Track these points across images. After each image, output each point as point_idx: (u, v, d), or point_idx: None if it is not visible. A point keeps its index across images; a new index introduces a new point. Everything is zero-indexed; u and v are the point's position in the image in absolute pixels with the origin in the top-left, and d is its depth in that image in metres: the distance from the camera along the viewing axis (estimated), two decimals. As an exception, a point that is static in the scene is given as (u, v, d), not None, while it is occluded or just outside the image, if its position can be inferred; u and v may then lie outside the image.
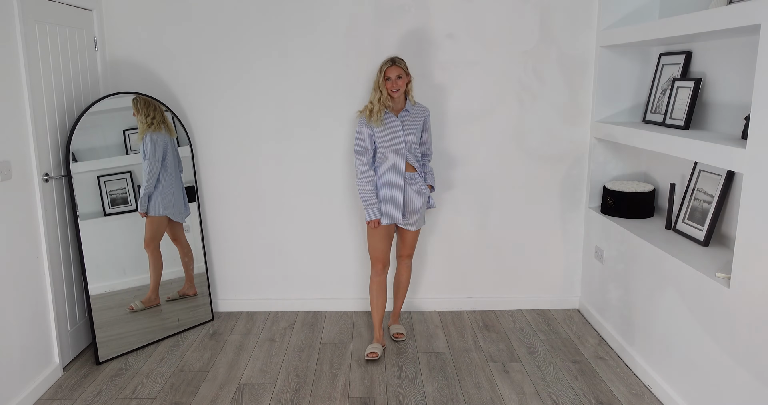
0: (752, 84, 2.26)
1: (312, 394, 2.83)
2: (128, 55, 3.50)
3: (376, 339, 3.27)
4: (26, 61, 2.72)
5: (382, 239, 3.16)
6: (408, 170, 3.15)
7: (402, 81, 3.03)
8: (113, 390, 2.86)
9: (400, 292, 3.43)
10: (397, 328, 3.42)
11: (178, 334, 3.46)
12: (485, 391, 2.84)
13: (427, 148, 3.28)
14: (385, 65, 3.03)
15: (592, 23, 3.45)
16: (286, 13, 3.45)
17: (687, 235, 2.81)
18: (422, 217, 3.25)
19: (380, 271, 3.22)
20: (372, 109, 3.05)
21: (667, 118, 2.97)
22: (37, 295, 2.84)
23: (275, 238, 3.73)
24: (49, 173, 2.95)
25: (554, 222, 3.72)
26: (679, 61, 3.03)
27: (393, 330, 3.41)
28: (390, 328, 3.44)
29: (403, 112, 3.12)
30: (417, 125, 3.16)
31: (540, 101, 3.55)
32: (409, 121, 3.12)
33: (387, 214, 3.13)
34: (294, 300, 3.81)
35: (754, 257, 2.07)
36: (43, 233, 2.87)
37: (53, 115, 2.99)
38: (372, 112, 3.04)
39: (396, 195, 3.11)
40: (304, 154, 3.61)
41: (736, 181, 2.56)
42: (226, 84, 3.53)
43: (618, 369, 3.03)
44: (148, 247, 3.36)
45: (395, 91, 3.03)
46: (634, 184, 3.33)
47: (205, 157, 3.62)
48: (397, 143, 3.08)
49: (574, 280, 3.80)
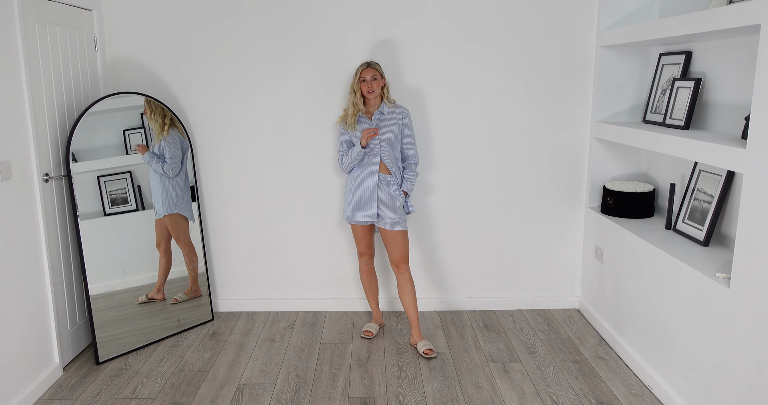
0: (752, 84, 2.26)
1: (312, 394, 2.83)
2: (128, 55, 3.50)
3: (374, 319, 3.51)
4: (26, 61, 2.72)
5: (363, 236, 3.31)
6: (382, 171, 3.16)
7: (377, 83, 3.11)
8: (113, 390, 2.86)
9: (410, 306, 3.26)
10: (424, 345, 3.19)
11: (178, 334, 3.46)
12: (485, 391, 2.84)
13: (410, 150, 3.24)
14: (360, 67, 3.13)
15: (592, 23, 3.45)
16: (286, 14, 3.45)
17: (687, 235, 2.81)
18: (401, 219, 3.18)
19: (367, 261, 3.38)
20: (348, 112, 3.15)
21: (667, 118, 2.97)
22: (37, 295, 2.84)
23: (275, 237, 3.73)
24: (49, 173, 2.95)
25: (554, 222, 3.72)
26: (679, 61, 3.03)
27: (421, 348, 3.18)
28: (417, 346, 3.22)
29: (377, 114, 3.16)
30: (393, 125, 3.16)
31: (540, 101, 3.55)
32: (384, 122, 3.16)
33: (360, 212, 3.16)
34: (294, 300, 3.81)
35: (754, 257, 2.07)
36: (43, 233, 2.87)
37: (53, 115, 2.99)
38: (347, 117, 3.15)
39: (369, 195, 3.14)
40: (304, 154, 3.62)
41: (736, 181, 2.56)
42: (226, 84, 3.53)
43: (618, 369, 3.03)
44: (159, 246, 3.41)
45: (370, 92, 3.10)
46: (634, 184, 3.33)
47: (205, 157, 3.62)
48: (372, 144, 3.13)
49: (574, 280, 3.80)
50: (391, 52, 3.47)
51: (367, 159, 3.16)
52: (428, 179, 3.63)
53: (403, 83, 3.51)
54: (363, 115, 3.17)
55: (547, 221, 3.72)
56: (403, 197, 3.20)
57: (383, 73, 3.18)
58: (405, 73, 3.50)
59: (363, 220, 3.19)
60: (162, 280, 3.42)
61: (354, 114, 3.13)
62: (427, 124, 3.56)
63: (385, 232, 3.20)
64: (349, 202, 3.21)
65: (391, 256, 3.25)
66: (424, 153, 3.57)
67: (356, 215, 3.19)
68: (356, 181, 3.18)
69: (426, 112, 3.55)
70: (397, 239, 3.19)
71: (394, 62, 3.48)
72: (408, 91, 3.51)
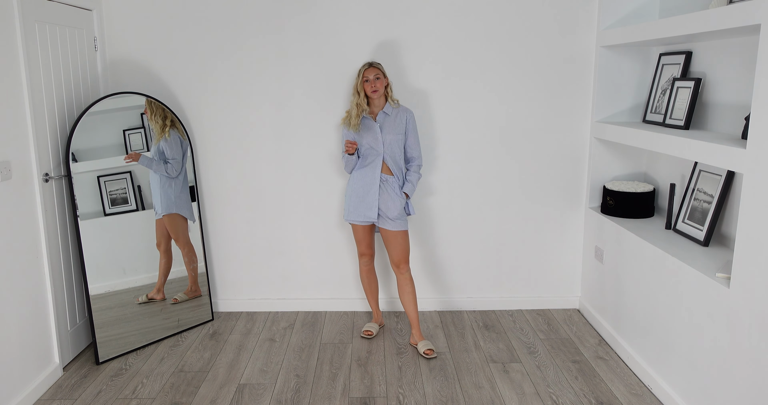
0: (752, 84, 2.27)
1: (312, 394, 2.83)
2: (128, 55, 3.50)
3: (374, 319, 3.52)
4: (26, 61, 2.72)
5: (364, 236, 3.31)
6: (384, 172, 3.16)
7: (380, 82, 3.10)
8: (113, 390, 2.86)
9: (410, 306, 3.26)
10: (425, 346, 3.19)
11: (178, 334, 3.46)
12: (485, 391, 2.84)
13: (413, 151, 3.24)
14: (363, 68, 3.12)
15: (592, 23, 3.45)
16: (286, 14, 3.45)
17: (687, 235, 2.81)
18: (402, 219, 3.19)
19: (367, 261, 3.38)
20: (351, 114, 3.14)
21: (667, 118, 2.97)
22: (37, 295, 2.84)
23: (275, 238, 3.73)
24: (49, 173, 2.95)
25: (554, 222, 3.72)
26: (679, 61, 3.03)
27: (422, 348, 3.18)
28: (417, 346, 3.23)
29: (382, 115, 3.16)
30: (398, 127, 3.17)
31: (540, 101, 3.55)
32: (388, 123, 3.15)
33: (361, 213, 3.16)
34: (294, 300, 3.81)
35: (754, 257, 2.07)
36: (43, 233, 2.87)
37: (53, 115, 2.99)
38: (350, 117, 3.14)
39: (370, 195, 3.13)
40: (304, 153, 3.62)
41: (736, 181, 2.56)
42: (226, 84, 3.53)
43: (618, 369, 3.03)
44: (160, 246, 3.41)
45: (374, 92, 3.09)
46: (634, 184, 3.33)
47: (205, 157, 3.62)
48: (376, 145, 3.13)
49: (574, 280, 3.80)
50: (393, 52, 3.47)
51: (370, 159, 3.15)
52: (428, 179, 3.63)
53: (404, 84, 3.51)
54: (367, 115, 3.16)
55: (547, 221, 3.71)
56: (404, 198, 3.21)
57: (386, 73, 3.17)
58: (406, 74, 3.50)
59: (364, 220, 3.19)
60: (162, 280, 3.42)
61: (357, 115, 3.12)
62: (427, 124, 3.56)
63: (386, 233, 3.20)
64: (350, 202, 3.21)
65: (391, 256, 3.25)
66: (426, 154, 3.56)
67: (357, 215, 3.19)
68: (358, 181, 3.18)
69: (426, 112, 3.55)
70: (398, 239, 3.19)
71: (395, 63, 3.48)
72: (409, 92, 3.51)
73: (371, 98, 3.14)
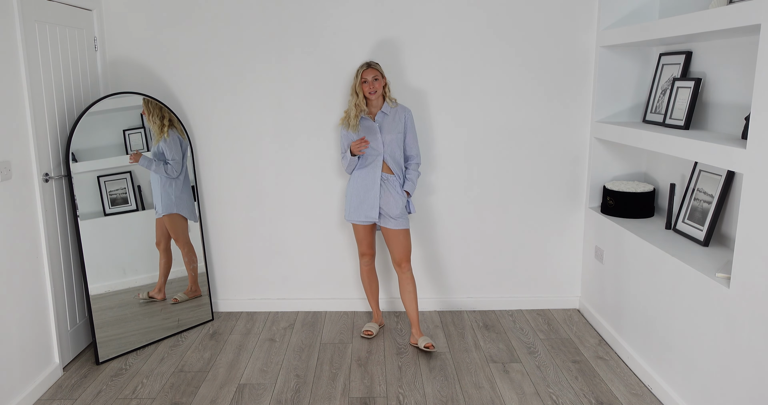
0: (752, 84, 2.26)
1: (312, 394, 2.83)
2: (128, 55, 3.50)
3: (374, 319, 3.52)
4: (26, 61, 2.72)
5: (365, 236, 3.31)
6: (385, 171, 3.17)
7: (378, 83, 3.10)
8: (113, 390, 2.86)
9: (411, 305, 3.27)
10: (425, 340, 3.20)
11: (178, 334, 3.46)
12: (485, 391, 2.84)
13: (412, 150, 3.25)
14: (361, 69, 3.12)
15: (592, 23, 3.45)
16: (286, 14, 3.45)
17: (687, 235, 2.81)
18: (404, 218, 3.19)
19: (368, 261, 3.39)
20: (349, 114, 3.13)
21: (667, 118, 2.97)
22: (37, 295, 2.84)
23: (275, 238, 3.73)
24: (49, 173, 2.95)
25: (554, 222, 3.72)
26: (679, 61, 3.03)
27: (422, 343, 3.19)
28: (418, 341, 3.23)
29: (380, 115, 3.16)
30: (397, 126, 3.17)
31: (540, 101, 3.55)
32: (387, 123, 3.16)
33: (362, 212, 3.16)
34: (294, 300, 3.81)
35: (754, 257, 2.07)
36: (43, 233, 2.87)
37: (53, 115, 2.99)
38: (349, 118, 3.13)
39: (372, 195, 3.14)
40: (304, 154, 3.62)
41: (736, 181, 2.56)
42: (226, 84, 3.53)
43: (618, 369, 3.03)
44: (159, 245, 3.41)
45: (372, 93, 3.10)
46: (634, 184, 3.33)
47: (205, 157, 3.62)
48: (376, 145, 3.13)
49: (574, 280, 3.80)
50: (391, 52, 3.47)
51: (370, 159, 3.16)
52: (428, 179, 3.63)
53: (403, 84, 3.51)
54: (365, 115, 3.16)
55: (547, 221, 3.71)
56: (405, 197, 3.21)
57: (384, 73, 3.18)
58: (406, 74, 3.50)
59: (365, 220, 3.19)
60: (163, 279, 3.42)
61: (356, 115, 3.13)
62: (427, 123, 3.56)
63: (387, 232, 3.21)
64: (351, 202, 3.21)
65: (393, 255, 3.25)
66: (425, 153, 3.56)
67: (358, 215, 3.19)
68: (359, 181, 3.18)
69: (426, 112, 3.55)
70: (399, 238, 3.19)
71: (394, 63, 3.48)
72: (408, 92, 3.51)
73: (369, 99, 3.15)
